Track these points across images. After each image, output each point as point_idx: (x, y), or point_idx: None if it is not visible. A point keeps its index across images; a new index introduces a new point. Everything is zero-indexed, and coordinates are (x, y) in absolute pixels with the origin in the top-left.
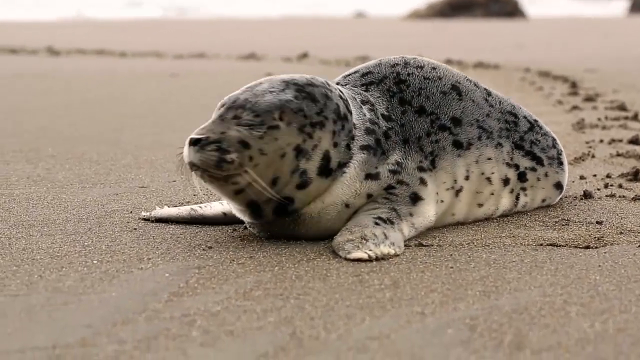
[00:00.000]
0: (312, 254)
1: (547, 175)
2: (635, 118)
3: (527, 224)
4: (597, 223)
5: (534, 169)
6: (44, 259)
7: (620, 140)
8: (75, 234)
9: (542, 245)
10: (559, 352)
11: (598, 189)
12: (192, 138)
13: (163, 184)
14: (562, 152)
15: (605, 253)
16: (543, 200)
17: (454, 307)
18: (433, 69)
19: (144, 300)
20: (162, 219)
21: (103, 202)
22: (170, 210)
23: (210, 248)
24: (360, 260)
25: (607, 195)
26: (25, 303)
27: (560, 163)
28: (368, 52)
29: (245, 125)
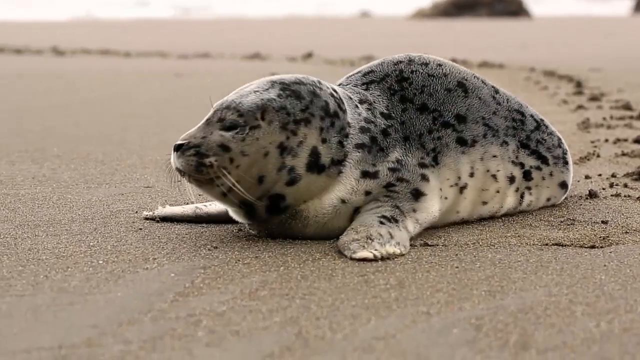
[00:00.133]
0: (317, 254)
1: (552, 175)
2: None
3: (532, 224)
4: (602, 222)
5: (539, 168)
6: (50, 259)
7: (626, 140)
8: (81, 234)
9: (547, 245)
10: (565, 351)
11: (603, 189)
12: (175, 144)
13: (168, 184)
14: (567, 151)
15: (611, 253)
16: (548, 200)
17: (460, 306)
18: (439, 66)
19: (150, 301)
20: (166, 218)
21: (108, 202)
22: (175, 209)
23: (216, 248)
24: (366, 260)
25: (612, 195)
26: (31, 303)
27: (566, 162)
28: (373, 51)
29: (229, 126)
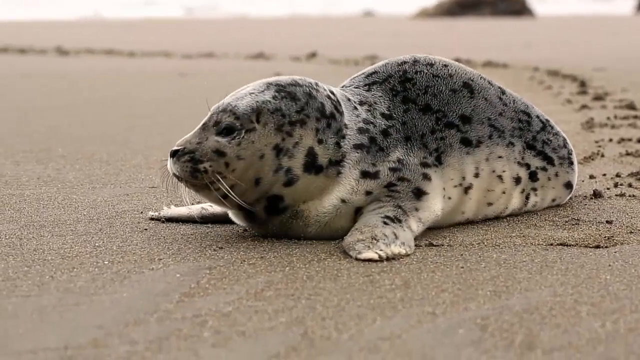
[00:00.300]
0: (323, 254)
1: (557, 175)
2: None
3: (537, 224)
4: (607, 222)
5: (545, 169)
6: (55, 260)
7: (630, 140)
8: (86, 235)
9: (552, 245)
10: (570, 352)
11: (608, 188)
12: (171, 150)
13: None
14: (572, 151)
15: (616, 252)
16: (553, 200)
17: (465, 307)
18: (445, 67)
19: (155, 301)
20: (172, 219)
21: (114, 202)
22: (181, 210)
23: (221, 248)
24: (371, 261)
25: (616, 195)
26: (37, 304)
27: (571, 163)
28: (377, 51)
29: (225, 129)
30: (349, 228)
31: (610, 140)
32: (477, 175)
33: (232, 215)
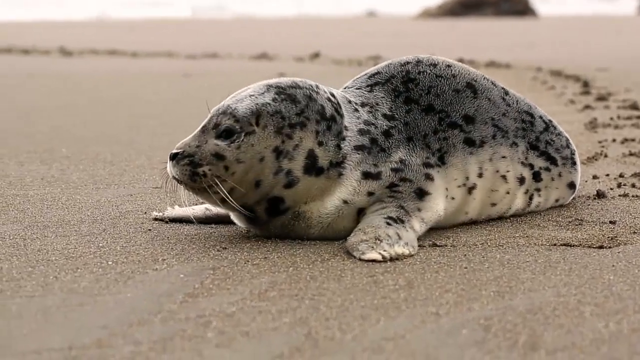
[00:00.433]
0: (326, 255)
1: (560, 176)
2: None
3: (540, 224)
4: (610, 223)
5: (548, 169)
6: (59, 260)
7: (633, 140)
8: (90, 235)
9: (555, 245)
10: (574, 352)
11: (611, 189)
12: (171, 153)
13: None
14: (575, 152)
15: (619, 253)
16: (556, 200)
17: (469, 307)
18: (448, 67)
19: (159, 301)
20: (176, 219)
21: (117, 203)
22: (185, 210)
23: (225, 249)
24: (375, 261)
25: (620, 195)
26: (41, 304)
27: (574, 163)
28: (380, 51)
29: (224, 132)
30: (352, 229)
31: (614, 141)
32: (480, 176)
33: (233, 217)
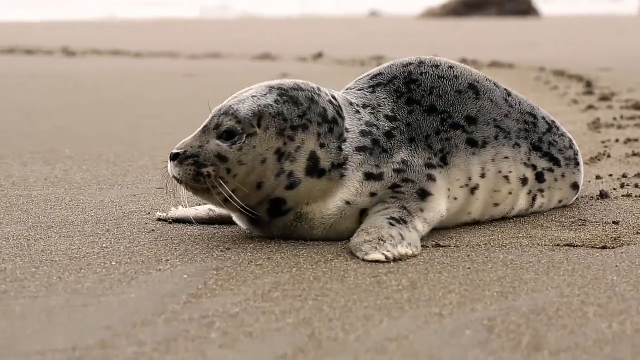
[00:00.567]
0: (330, 255)
1: (564, 176)
2: None
3: (544, 225)
4: (613, 223)
5: (552, 170)
6: (63, 261)
7: (636, 140)
8: (94, 236)
9: (559, 246)
10: (577, 353)
11: (614, 189)
12: (171, 153)
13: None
14: (578, 152)
15: (622, 253)
16: (560, 201)
17: (472, 308)
18: (450, 68)
19: (163, 302)
20: (179, 220)
21: (121, 203)
22: (188, 211)
23: (228, 249)
24: (378, 262)
25: (623, 195)
26: (45, 305)
27: (577, 164)
28: (383, 51)
29: (226, 132)
30: (355, 230)
31: (617, 141)
32: (483, 176)
33: (235, 218)
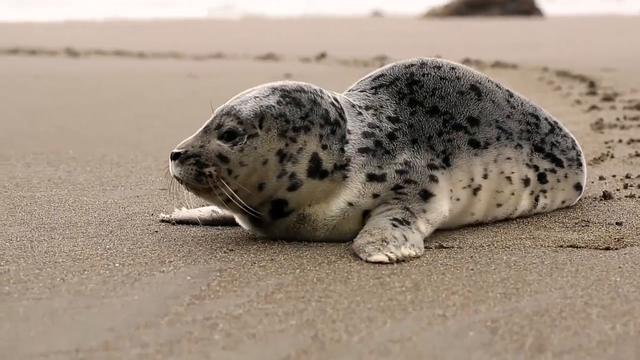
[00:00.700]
0: (333, 257)
1: (566, 177)
2: None
3: (547, 226)
4: (616, 224)
5: (554, 171)
6: (66, 262)
7: (639, 141)
8: (97, 237)
9: (562, 247)
10: (580, 354)
11: (617, 190)
12: (172, 152)
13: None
14: (581, 153)
15: (626, 254)
16: (563, 202)
17: (475, 309)
18: (452, 69)
19: (166, 304)
20: (182, 221)
21: (124, 204)
22: (192, 212)
23: (232, 251)
24: (381, 263)
25: (626, 196)
26: (48, 306)
27: (580, 164)
28: (386, 51)
29: (227, 133)
30: (358, 231)
31: (620, 141)
32: (485, 177)
33: (238, 219)
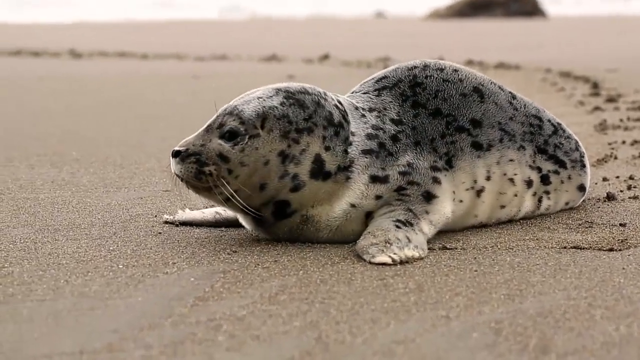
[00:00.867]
0: (336, 258)
1: (570, 178)
2: None
3: (550, 227)
4: (620, 225)
5: (557, 172)
6: (70, 264)
7: None
8: (101, 239)
9: (565, 248)
10: (584, 355)
11: (621, 191)
12: (173, 150)
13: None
14: (584, 154)
15: (629, 255)
16: (566, 203)
17: (479, 310)
18: (455, 72)
19: (170, 305)
20: (186, 223)
21: (128, 206)
22: (195, 214)
23: (235, 252)
24: (385, 264)
25: (630, 197)
26: (52, 308)
27: (583, 165)
28: (389, 53)
29: (228, 132)
30: (361, 232)
31: (624, 142)
32: (488, 179)
33: (241, 219)
